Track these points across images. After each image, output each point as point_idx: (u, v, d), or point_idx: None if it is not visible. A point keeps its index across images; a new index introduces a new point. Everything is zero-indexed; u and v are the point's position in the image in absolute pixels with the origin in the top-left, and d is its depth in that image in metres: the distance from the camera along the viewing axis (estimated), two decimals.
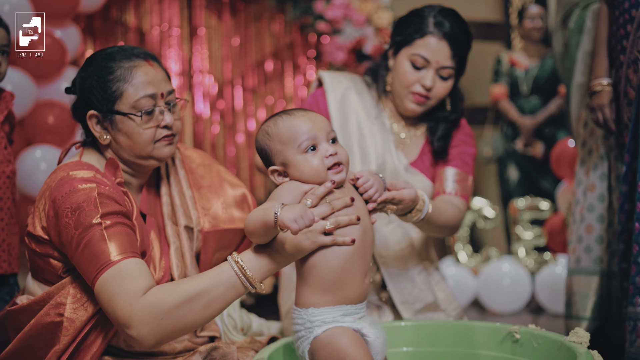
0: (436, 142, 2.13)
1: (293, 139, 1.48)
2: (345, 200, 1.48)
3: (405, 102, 2.07)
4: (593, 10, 2.58)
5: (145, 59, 1.68)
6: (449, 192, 2.06)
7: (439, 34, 2.00)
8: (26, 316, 1.61)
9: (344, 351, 1.40)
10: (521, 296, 3.82)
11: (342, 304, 1.47)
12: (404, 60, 2.04)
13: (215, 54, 4.36)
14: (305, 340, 1.47)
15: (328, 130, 1.51)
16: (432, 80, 2.02)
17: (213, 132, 4.35)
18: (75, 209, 1.50)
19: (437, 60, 2.00)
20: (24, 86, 2.96)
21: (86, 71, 1.67)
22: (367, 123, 2.15)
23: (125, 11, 4.12)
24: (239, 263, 1.43)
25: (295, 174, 1.50)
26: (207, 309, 1.43)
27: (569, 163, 3.94)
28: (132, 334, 1.40)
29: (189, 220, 1.80)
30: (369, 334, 1.48)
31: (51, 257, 1.60)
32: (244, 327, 1.99)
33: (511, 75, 4.55)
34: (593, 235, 2.57)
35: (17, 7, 2.83)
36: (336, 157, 1.48)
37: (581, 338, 1.54)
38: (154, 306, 1.40)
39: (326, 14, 4.10)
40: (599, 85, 2.34)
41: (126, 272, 1.44)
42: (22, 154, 3.04)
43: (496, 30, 5.13)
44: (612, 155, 2.51)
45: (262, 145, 1.54)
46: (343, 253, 1.46)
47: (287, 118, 1.51)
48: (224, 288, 1.43)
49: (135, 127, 1.64)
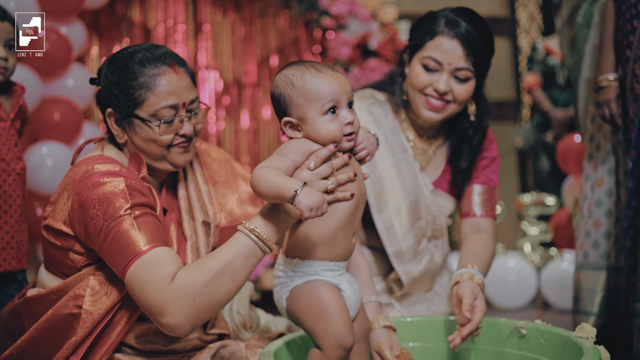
0: (459, 177, 2.07)
1: (318, 98, 1.47)
2: (343, 159, 1.51)
3: (420, 108, 1.96)
4: (601, 5, 2.57)
5: (171, 65, 1.64)
6: (479, 215, 2.04)
7: (450, 33, 1.89)
8: (43, 305, 1.61)
9: (322, 301, 1.48)
10: (527, 292, 3.81)
11: (327, 260, 1.52)
12: (416, 64, 1.95)
13: (220, 50, 4.36)
14: (285, 287, 1.53)
15: (350, 94, 1.51)
16: (446, 84, 1.90)
17: (219, 128, 4.36)
18: (103, 200, 1.50)
19: (450, 61, 1.89)
20: (29, 83, 2.97)
21: (111, 71, 1.65)
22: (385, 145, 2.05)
23: (131, 7, 4.12)
24: (254, 231, 1.44)
25: (310, 132, 1.50)
26: (235, 280, 1.44)
27: (575, 158, 3.93)
28: (168, 322, 1.41)
29: (205, 215, 1.81)
30: (345, 290, 1.54)
31: (71, 250, 1.60)
32: (253, 324, 2.00)
33: (546, 64, 4.46)
34: (601, 231, 2.56)
35: (22, 4, 2.84)
36: (353, 125, 1.50)
37: (588, 333, 1.54)
38: (185, 288, 1.40)
39: (331, 10, 4.10)
40: (605, 80, 2.33)
41: (157, 259, 1.44)
42: (29, 151, 3.05)
43: (502, 26, 5.11)
44: (620, 150, 2.50)
45: (281, 92, 1.51)
46: (339, 212, 1.50)
47: (316, 74, 1.49)
48: (245, 257, 1.44)
49: (153, 134, 1.63)
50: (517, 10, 5.14)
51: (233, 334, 1.88)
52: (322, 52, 4.40)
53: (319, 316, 1.47)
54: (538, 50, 4.49)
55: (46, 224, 1.64)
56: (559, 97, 4.42)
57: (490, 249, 1.97)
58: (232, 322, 1.90)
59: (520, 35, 5.13)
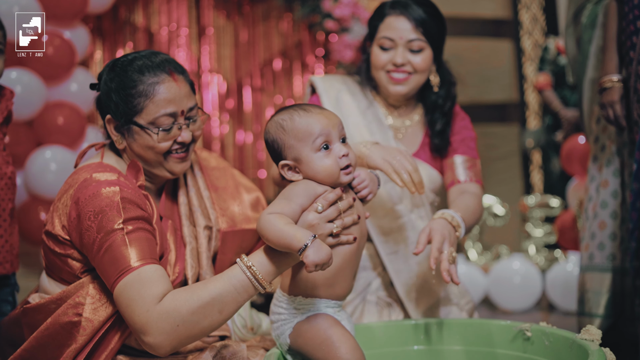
0: (437, 139, 2.15)
1: (308, 136, 1.49)
2: (349, 201, 1.54)
3: (387, 85, 2.11)
4: (605, 5, 2.56)
5: (170, 73, 1.66)
6: (464, 181, 2.08)
7: (396, 12, 2.06)
8: (42, 314, 1.62)
9: (328, 330, 1.50)
10: (532, 294, 3.80)
11: (329, 299, 1.56)
12: (375, 47, 2.11)
13: (223, 53, 4.36)
14: (287, 324, 1.56)
15: (341, 129, 1.53)
16: (402, 57, 2.05)
17: (222, 131, 4.36)
18: (98, 212, 1.51)
19: (401, 36, 2.04)
20: (33, 87, 2.98)
21: (111, 78, 1.66)
22: (363, 122, 2.16)
23: (134, 11, 4.13)
24: (251, 269, 1.44)
25: (308, 172, 1.51)
26: (222, 313, 1.44)
27: (579, 160, 3.92)
28: (149, 341, 1.42)
29: (208, 220, 1.82)
30: (345, 326, 1.56)
31: (70, 257, 1.61)
32: (254, 327, 1.99)
33: (557, 64, 4.44)
34: (606, 232, 2.56)
35: (25, 9, 2.84)
36: (348, 158, 1.51)
37: (593, 335, 1.53)
38: (170, 313, 1.41)
39: (334, 12, 4.10)
40: (609, 81, 2.33)
41: (145, 278, 1.45)
42: (32, 155, 3.05)
43: (505, 27, 5.11)
44: (625, 152, 2.50)
45: (274, 137, 1.54)
46: (341, 255, 1.52)
47: (304, 114, 1.51)
48: (237, 292, 1.44)
49: (151, 141, 1.64)
50: (520, 11, 5.13)
51: (233, 335, 1.88)
52: (325, 55, 4.41)
53: (326, 345, 1.49)
54: (549, 49, 4.47)
55: (46, 230, 1.65)
56: (570, 97, 4.41)
57: (475, 205, 1.99)
58: (232, 324, 1.90)
59: (524, 36, 5.13)
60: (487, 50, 4.87)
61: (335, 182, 1.52)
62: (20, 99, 2.91)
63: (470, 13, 4.80)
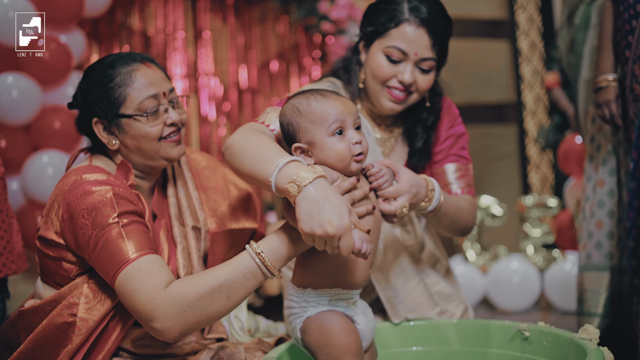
0: (415, 157, 1.95)
1: (324, 120, 1.49)
2: (364, 191, 1.52)
3: (381, 99, 1.84)
4: (598, 6, 2.57)
5: (143, 61, 1.71)
6: (454, 193, 1.92)
7: (416, 20, 1.76)
8: (38, 316, 1.62)
9: (333, 337, 1.46)
10: (530, 294, 3.80)
11: (341, 287, 1.51)
12: (378, 53, 1.81)
13: (220, 56, 4.36)
14: (298, 318, 1.52)
15: (356, 117, 1.53)
16: (412, 75, 1.78)
17: (219, 134, 4.36)
18: (91, 209, 1.52)
19: (416, 51, 1.76)
20: (29, 91, 2.97)
21: (87, 83, 1.70)
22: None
23: (130, 15, 4.13)
24: (260, 255, 1.44)
25: (320, 155, 1.51)
26: (230, 299, 1.44)
27: (576, 160, 3.92)
28: (157, 327, 1.42)
29: (196, 221, 1.83)
30: (359, 322, 1.53)
31: (64, 260, 1.62)
32: (251, 329, 1.99)
33: None
34: (603, 231, 2.56)
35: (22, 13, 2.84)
36: (362, 146, 1.51)
37: (591, 335, 1.53)
38: (177, 298, 1.41)
39: (330, 15, 4.10)
40: (604, 81, 2.33)
41: (146, 268, 1.46)
42: (29, 159, 3.05)
43: (501, 28, 5.11)
44: (620, 151, 2.50)
45: (290, 120, 1.55)
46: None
47: (321, 99, 1.52)
48: (245, 278, 1.44)
49: (142, 127, 1.67)
50: (517, 12, 5.14)
51: (231, 338, 1.88)
52: (322, 57, 4.41)
53: (328, 351, 1.46)
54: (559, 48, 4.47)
55: (39, 235, 1.66)
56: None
57: (464, 208, 1.85)
58: (230, 326, 1.90)
59: (520, 37, 5.13)
60: (484, 51, 4.88)
61: (345, 168, 1.51)
62: (16, 104, 2.91)
63: (467, 14, 4.80)
